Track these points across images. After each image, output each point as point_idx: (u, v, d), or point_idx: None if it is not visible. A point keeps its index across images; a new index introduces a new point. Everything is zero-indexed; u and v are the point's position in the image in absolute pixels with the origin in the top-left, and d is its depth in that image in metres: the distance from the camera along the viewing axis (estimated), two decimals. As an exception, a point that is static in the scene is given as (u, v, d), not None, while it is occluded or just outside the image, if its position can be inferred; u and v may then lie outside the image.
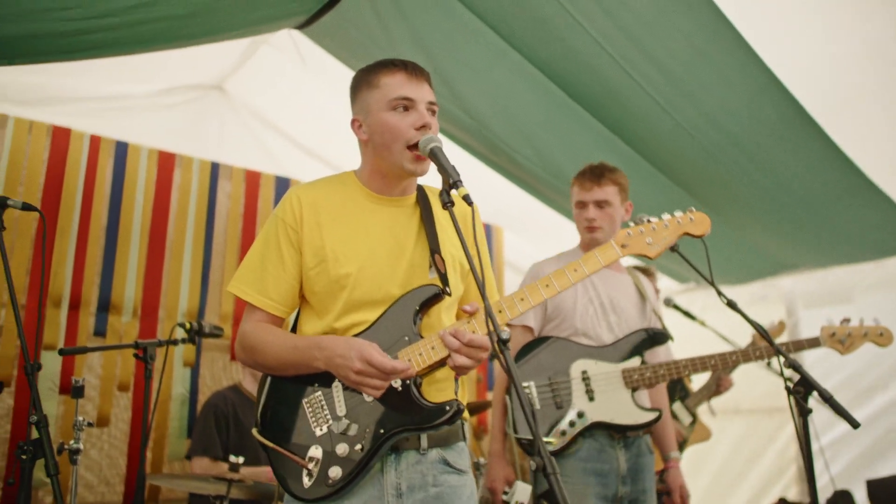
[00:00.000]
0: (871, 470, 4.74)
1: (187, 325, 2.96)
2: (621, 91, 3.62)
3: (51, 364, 3.63)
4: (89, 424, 2.73)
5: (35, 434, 1.94)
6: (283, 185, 4.57)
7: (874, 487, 4.57)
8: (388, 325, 1.92)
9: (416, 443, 1.90)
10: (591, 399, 2.78)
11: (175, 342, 2.91)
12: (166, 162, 4.15)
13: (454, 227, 1.81)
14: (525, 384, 2.81)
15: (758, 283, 5.34)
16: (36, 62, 3.15)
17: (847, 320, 2.97)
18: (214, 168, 4.33)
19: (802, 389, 2.34)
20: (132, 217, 3.98)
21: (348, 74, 4.21)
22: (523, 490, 2.64)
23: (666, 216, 2.20)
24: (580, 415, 2.75)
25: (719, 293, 2.60)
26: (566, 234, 4.92)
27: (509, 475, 2.81)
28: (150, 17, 2.72)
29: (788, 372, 2.44)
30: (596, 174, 3.03)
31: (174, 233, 4.12)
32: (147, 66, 4.13)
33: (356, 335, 1.91)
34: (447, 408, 1.85)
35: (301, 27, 3.80)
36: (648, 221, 2.18)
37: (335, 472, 1.81)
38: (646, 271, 4.34)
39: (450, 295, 1.98)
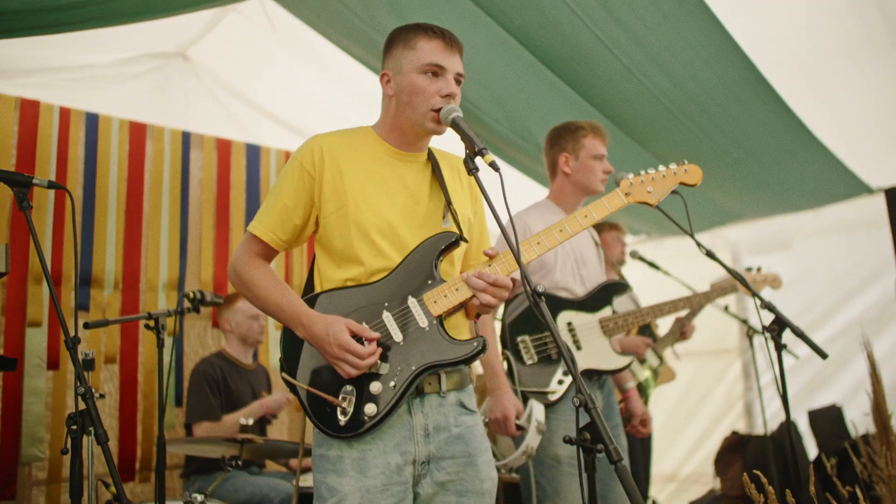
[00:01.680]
0: (811, 401, 5.18)
1: (191, 295, 3.02)
2: (591, 55, 3.79)
3: (37, 341, 3.62)
4: (101, 396, 2.77)
5: (82, 405, 2.01)
6: (254, 152, 4.58)
7: (814, 417, 5.02)
8: (410, 270, 2.04)
9: (437, 386, 2.03)
10: (579, 348, 2.99)
11: (183, 311, 2.96)
12: (138, 132, 4.11)
13: (477, 190, 1.96)
14: (521, 338, 2.99)
15: (707, 232, 5.67)
16: (8, 37, 3.10)
17: (749, 269, 3.51)
18: (185, 137, 4.31)
19: (777, 327, 2.62)
20: (107, 189, 3.95)
21: (320, 42, 4.27)
22: (539, 409, 2.81)
23: (662, 168, 2.36)
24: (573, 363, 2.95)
25: (698, 244, 2.84)
26: (532, 194, 5.11)
27: (518, 403, 2.83)
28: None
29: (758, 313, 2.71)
30: (606, 133, 3.19)
31: (150, 204, 4.11)
32: (109, 35, 4.03)
33: (379, 280, 2.03)
34: (475, 343, 2.00)
35: (273, -6, 3.81)
36: (647, 172, 2.33)
37: (370, 408, 1.92)
38: (613, 225, 4.57)
39: (467, 241, 2.12)
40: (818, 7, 3.49)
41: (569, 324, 3.02)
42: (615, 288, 3.16)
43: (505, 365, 2.97)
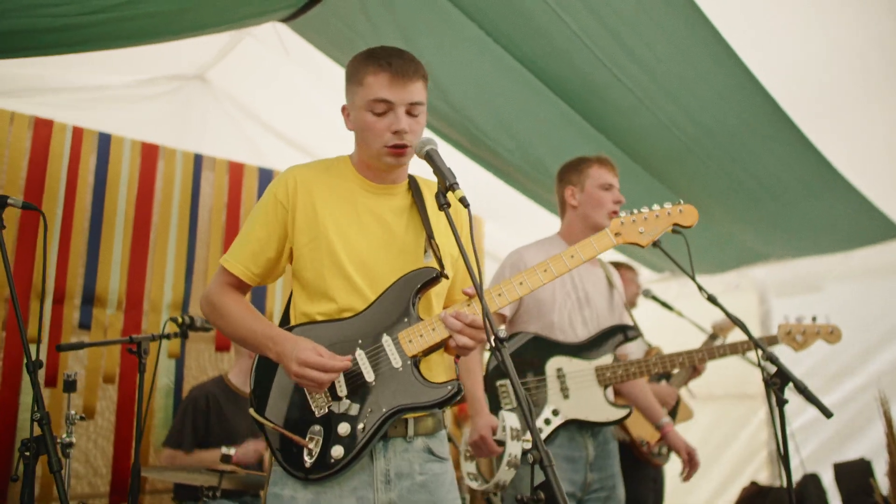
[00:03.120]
0: (838, 454, 4.91)
1: (179, 320, 2.98)
2: (602, 86, 3.69)
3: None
4: (81, 418, 2.75)
5: (38, 431, 1.97)
6: (266, 176, 4.58)
7: (840, 470, 4.75)
8: (387, 306, 1.97)
9: (403, 430, 1.95)
10: (566, 397, 2.84)
11: (168, 336, 2.93)
12: (149, 153, 4.14)
13: (449, 225, 1.89)
14: (501, 382, 2.87)
15: (732, 272, 5.48)
16: (25, 56, 3.13)
17: (801, 319, 3.09)
18: (198, 159, 4.33)
19: (779, 381, 2.46)
20: (116, 209, 3.97)
21: (332, 66, 4.26)
22: (510, 417, 2.68)
23: (656, 207, 2.26)
24: (555, 412, 2.81)
25: (700, 288, 2.70)
26: (545, 223, 5.00)
27: (493, 422, 2.73)
28: (139, 12, 2.72)
29: (765, 364, 2.55)
30: (614, 163, 3.07)
31: (158, 225, 4.12)
32: (127, 56, 4.08)
33: (354, 316, 1.96)
34: (449, 387, 1.92)
35: (286, 20, 3.81)
36: (640, 211, 2.23)
37: (338, 451, 1.86)
38: (628, 267, 4.42)
39: (447, 278, 2.04)
40: (838, 40, 3.35)
41: (558, 370, 2.88)
42: (621, 333, 2.99)
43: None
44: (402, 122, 1.95)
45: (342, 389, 1.91)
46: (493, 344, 1.72)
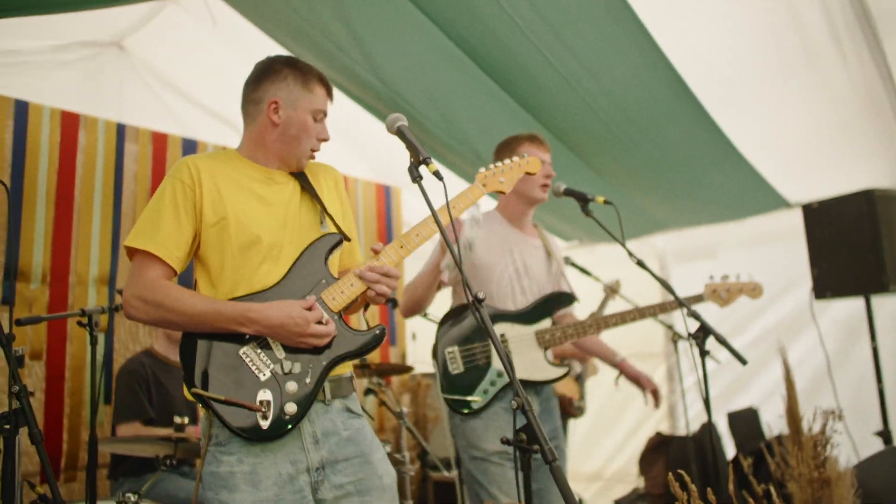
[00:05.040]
0: (730, 403, 5.42)
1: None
2: (530, 66, 3.89)
3: (-43, 334, 3.48)
4: (30, 393, 2.70)
5: (15, 404, 1.96)
6: (190, 147, 4.51)
7: (733, 418, 5.25)
8: (301, 274, 2.11)
9: (321, 395, 2.08)
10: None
11: (118, 308, 2.90)
12: (70, 122, 4.00)
13: (343, 194, 2.12)
14: (450, 349, 3.05)
15: (636, 240, 5.86)
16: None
17: (726, 277, 3.39)
18: (120, 129, 4.21)
19: (701, 335, 2.76)
20: (37, 180, 3.82)
21: (260, 38, 4.25)
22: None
23: (508, 161, 2.60)
24: (500, 374, 3.00)
25: (630, 253, 2.97)
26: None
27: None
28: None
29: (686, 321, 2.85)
30: (545, 140, 3.25)
31: (81, 196, 4.00)
32: (41, 20, 3.93)
33: (274, 286, 2.07)
34: (377, 331, 2.12)
35: (215, -12, 3.78)
36: (498, 165, 2.56)
37: (291, 407, 1.98)
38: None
39: (349, 240, 2.24)
40: (744, 26, 3.68)
41: (502, 335, 3.06)
42: (558, 300, 3.20)
43: (435, 371, 3.04)
44: (327, 132, 2.26)
45: (279, 352, 2.03)
46: (472, 305, 1.88)
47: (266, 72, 2.22)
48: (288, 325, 1.97)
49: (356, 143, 5.32)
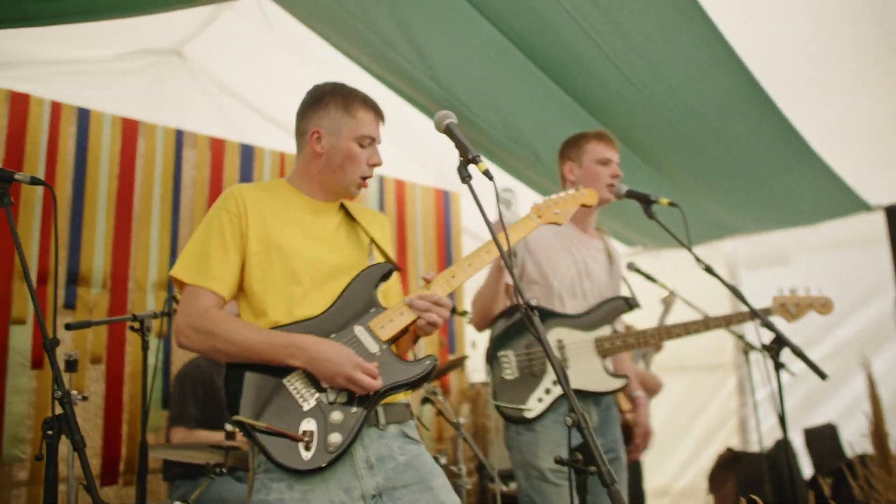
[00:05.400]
0: (807, 419, 5.13)
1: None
2: (590, 63, 3.74)
3: (21, 339, 3.55)
4: (83, 398, 2.70)
5: (59, 410, 1.94)
6: (248, 152, 4.52)
7: (810, 435, 4.97)
8: (349, 303, 2.05)
9: (374, 420, 1.99)
10: (567, 367, 2.91)
11: (169, 314, 2.90)
12: (130, 129, 4.05)
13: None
14: (504, 353, 2.92)
15: (703, 245, 5.62)
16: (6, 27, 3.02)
17: (795, 290, 3.18)
18: (178, 136, 4.25)
19: (776, 346, 2.57)
20: (97, 186, 3.88)
21: (316, 42, 4.22)
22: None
23: (563, 192, 2.55)
24: (555, 382, 2.85)
25: (697, 259, 2.80)
26: (525, 200, 5.07)
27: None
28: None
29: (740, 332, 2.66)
30: (613, 138, 3.13)
31: (140, 202, 4.04)
32: (104, 29, 3.99)
33: (321, 314, 2.01)
34: (427, 361, 2.02)
35: (270, -8, 3.76)
36: (552, 197, 2.50)
37: (335, 437, 1.88)
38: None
39: (400, 269, 2.19)
40: (820, 20, 3.45)
41: (559, 341, 2.92)
42: (620, 305, 3.04)
43: (488, 378, 2.92)
44: (379, 156, 2.18)
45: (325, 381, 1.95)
46: (525, 312, 1.77)
47: (309, 101, 2.20)
48: (337, 362, 1.90)
49: (413, 147, 5.25)
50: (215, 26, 4.29)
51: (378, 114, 2.20)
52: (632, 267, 4.36)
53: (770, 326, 2.57)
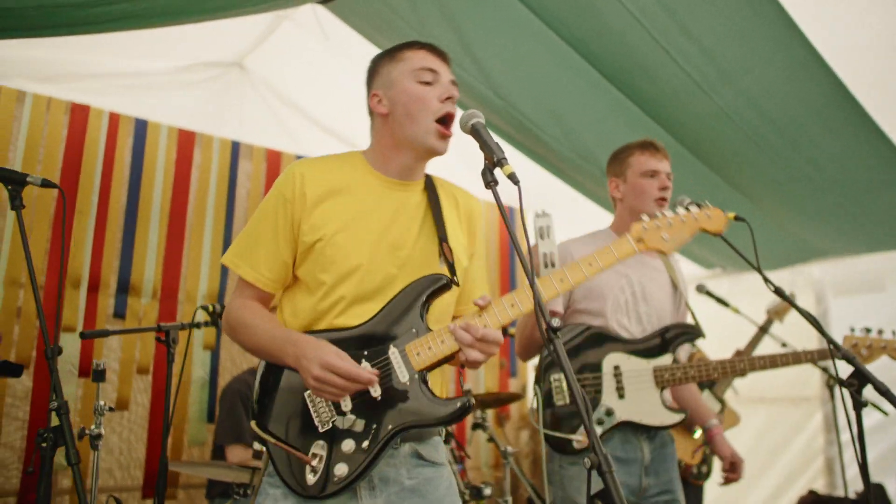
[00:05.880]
0: (902, 463, 4.63)
1: (210, 308, 2.87)
2: (656, 69, 3.48)
3: (70, 346, 3.57)
4: (110, 409, 2.66)
5: (55, 421, 1.86)
6: (304, 165, 4.47)
7: (906, 481, 4.47)
8: (394, 316, 1.83)
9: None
10: (622, 396, 2.66)
11: (198, 325, 2.83)
12: (186, 140, 4.06)
13: (476, 227, 1.76)
14: (556, 376, 2.70)
15: (787, 269, 5.21)
16: (48, 35, 3.02)
17: (868, 330, 2.83)
18: (235, 147, 4.24)
19: (856, 382, 2.24)
20: (151, 197, 3.90)
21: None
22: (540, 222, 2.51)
23: (681, 211, 2.11)
24: (609, 412, 2.63)
25: (766, 280, 2.49)
26: (594, 216, 4.81)
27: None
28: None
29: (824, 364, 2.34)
30: (660, 146, 2.89)
31: (194, 213, 4.04)
32: (166, 42, 4.03)
33: (360, 325, 1.83)
34: (458, 403, 1.77)
35: (325, 2, 3.69)
36: (664, 215, 2.08)
37: (341, 469, 1.72)
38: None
39: (458, 285, 1.91)
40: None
41: (615, 367, 2.70)
42: (682, 333, 2.78)
43: (534, 403, 2.70)
44: (452, 89, 1.90)
45: (346, 404, 1.77)
46: (546, 335, 1.56)
47: (367, 79, 2.04)
48: (309, 360, 1.70)
49: (477, 163, 5.08)
50: (274, 38, 4.26)
51: (434, 50, 1.96)
52: (702, 290, 4.05)
53: (849, 358, 2.25)
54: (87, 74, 3.96)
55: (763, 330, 4.24)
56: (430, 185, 2.00)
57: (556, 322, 1.57)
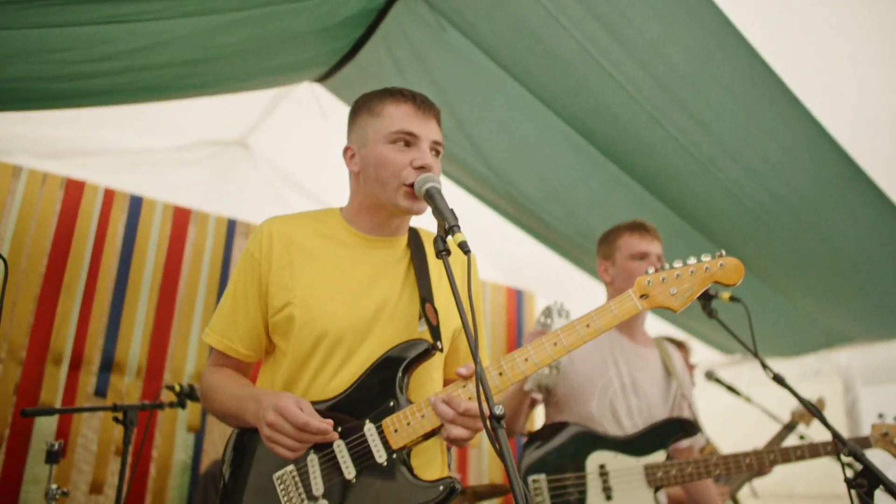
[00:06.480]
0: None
1: (177, 388, 2.73)
2: (655, 146, 3.38)
3: (46, 425, 3.44)
4: (64, 493, 2.49)
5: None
6: (302, 243, 4.40)
7: None
8: (370, 388, 1.67)
9: None
10: (609, 498, 2.42)
11: (161, 406, 2.68)
12: (181, 218, 4.02)
13: (447, 278, 1.59)
14: (535, 477, 2.48)
15: (811, 356, 4.92)
16: (32, 108, 3.04)
17: None
18: (231, 225, 4.19)
19: (866, 483, 2.00)
20: (142, 273, 3.83)
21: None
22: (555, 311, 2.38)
23: (692, 260, 1.85)
24: None
25: (764, 365, 2.29)
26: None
27: None
28: (150, 62, 2.60)
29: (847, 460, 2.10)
30: (650, 227, 2.74)
31: (185, 291, 3.96)
32: (169, 120, 4.07)
33: (334, 399, 1.67)
34: (440, 487, 1.58)
35: (321, 80, 3.69)
36: (672, 268, 1.85)
37: None
38: (679, 344, 3.96)
39: (441, 351, 1.73)
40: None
41: (601, 467, 2.47)
42: (676, 429, 2.56)
43: None
44: (428, 157, 1.74)
45: (318, 487, 1.61)
46: (490, 425, 1.38)
47: (348, 122, 1.90)
48: (265, 409, 1.57)
49: (484, 243, 4.97)
50: (275, 116, 4.28)
51: (420, 105, 1.77)
52: (711, 376, 3.80)
53: (856, 454, 2.01)
54: (89, 151, 3.99)
55: (788, 428, 3.94)
56: (414, 240, 1.88)
57: (499, 410, 1.39)
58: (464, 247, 1.55)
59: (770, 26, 2.80)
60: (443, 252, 1.61)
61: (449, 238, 1.61)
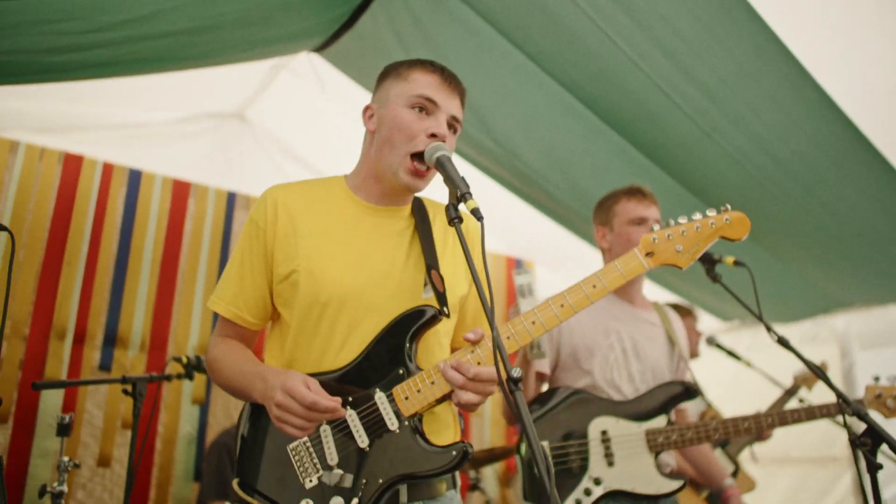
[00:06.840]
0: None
1: (184, 360, 2.74)
2: (660, 114, 3.36)
3: (52, 399, 3.45)
4: (76, 465, 2.51)
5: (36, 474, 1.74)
6: (302, 215, 4.38)
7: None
8: (378, 356, 1.67)
9: (394, 499, 1.64)
10: (611, 464, 2.44)
11: (168, 377, 2.69)
12: (180, 191, 4.00)
13: (461, 245, 1.60)
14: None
15: (809, 321, 4.96)
16: (29, 82, 2.99)
17: (894, 379, 2.59)
18: (231, 198, 4.17)
19: (870, 441, 2.03)
20: (143, 247, 3.81)
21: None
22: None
23: (697, 216, 1.84)
24: (597, 481, 2.41)
25: (769, 328, 2.31)
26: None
27: None
28: (150, 32, 2.56)
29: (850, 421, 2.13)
30: (647, 192, 2.73)
31: (186, 264, 3.94)
32: (168, 93, 4.03)
33: (342, 369, 1.68)
34: (453, 452, 1.61)
35: (319, 50, 3.65)
36: (677, 223, 1.83)
37: None
38: (686, 311, 3.98)
39: (448, 316, 1.73)
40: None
41: (603, 433, 2.48)
42: (677, 392, 2.57)
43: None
44: (444, 127, 1.73)
45: (332, 457, 1.62)
46: (507, 387, 1.39)
47: (375, 86, 1.90)
48: (273, 389, 1.57)
49: (484, 212, 4.97)
50: (273, 87, 4.24)
51: (447, 79, 1.76)
52: (712, 342, 3.83)
53: (860, 414, 2.04)
54: (86, 126, 3.95)
55: (789, 393, 3.98)
56: (418, 209, 1.87)
57: (517, 372, 1.41)
58: (476, 213, 1.55)
59: (776, -8, 2.78)
60: (455, 219, 1.61)
61: (461, 206, 1.61)
